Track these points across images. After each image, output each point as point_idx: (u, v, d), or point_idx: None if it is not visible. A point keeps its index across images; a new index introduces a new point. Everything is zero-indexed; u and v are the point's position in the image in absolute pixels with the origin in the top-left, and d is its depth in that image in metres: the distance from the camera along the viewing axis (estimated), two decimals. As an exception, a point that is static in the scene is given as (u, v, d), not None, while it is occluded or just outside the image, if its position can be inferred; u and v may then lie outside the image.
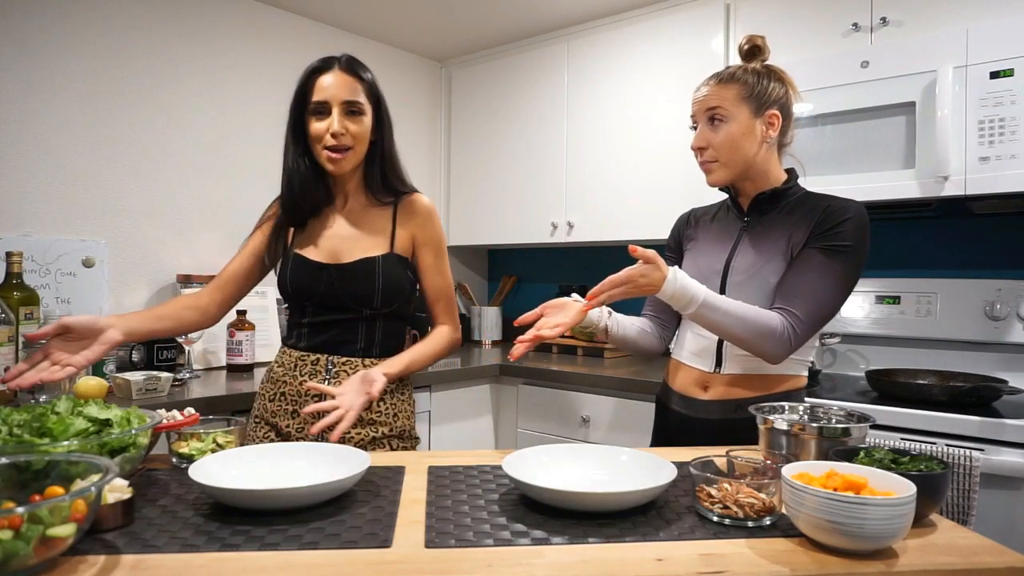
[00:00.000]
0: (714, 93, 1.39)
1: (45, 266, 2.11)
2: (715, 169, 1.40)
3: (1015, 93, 1.79)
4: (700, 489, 0.95)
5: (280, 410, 1.49)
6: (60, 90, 2.18)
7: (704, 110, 1.40)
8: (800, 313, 1.29)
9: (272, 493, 0.92)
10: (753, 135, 1.38)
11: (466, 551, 0.83)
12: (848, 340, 2.39)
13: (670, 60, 2.57)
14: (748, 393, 1.38)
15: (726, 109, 1.37)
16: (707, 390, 1.42)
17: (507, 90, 3.09)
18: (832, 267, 1.30)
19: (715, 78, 1.42)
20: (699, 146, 1.40)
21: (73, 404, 1.05)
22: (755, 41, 1.44)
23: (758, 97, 1.38)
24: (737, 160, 1.38)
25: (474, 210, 3.24)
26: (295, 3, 2.73)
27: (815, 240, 1.33)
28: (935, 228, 2.35)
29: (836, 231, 1.31)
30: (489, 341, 3.29)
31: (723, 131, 1.37)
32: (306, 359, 1.49)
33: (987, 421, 1.62)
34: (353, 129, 1.44)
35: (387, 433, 1.49)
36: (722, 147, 1.38)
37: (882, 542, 0.81)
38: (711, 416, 1.40)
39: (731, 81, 1.39)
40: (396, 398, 1.52)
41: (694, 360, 1.45)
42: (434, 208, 1.57)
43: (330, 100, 1.43)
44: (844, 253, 1.31)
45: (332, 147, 1.44)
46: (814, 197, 1.41)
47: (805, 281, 1.31)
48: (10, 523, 0.70)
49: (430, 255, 1.55)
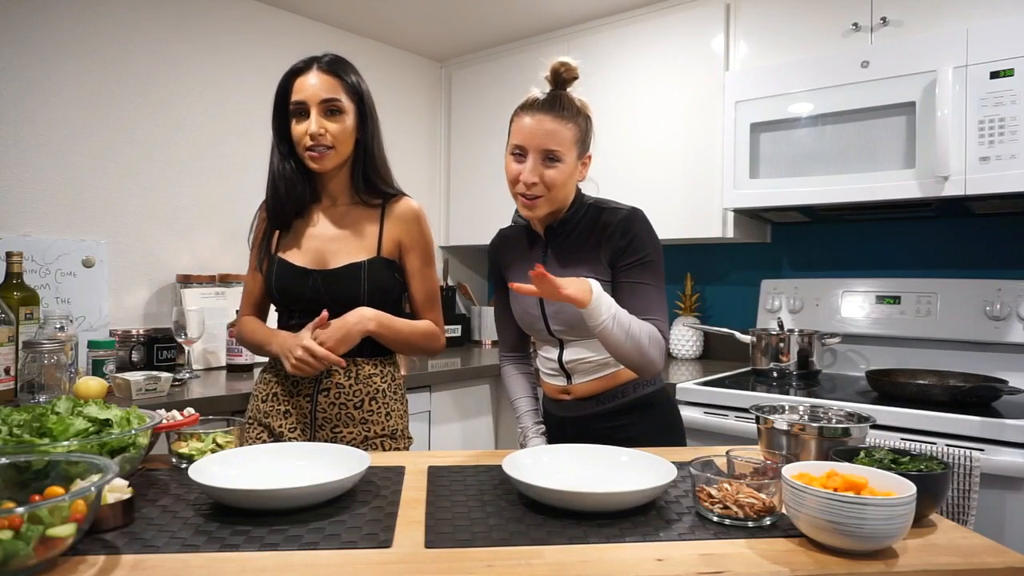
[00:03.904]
0: (554, 132, 1.35)
1: (45, 266, 2.11)
2: (540, 205, 1.40)
3: (1015, 93, 1.79)
4: (700, 489, 0.95)
5: (272, 410, 1.49)
6: (60, 90, 2.18)
7: (541, 148, 1.36)
8: (659, 322, 1.36)
9: (272, 493, 0.92)
10: (574, 177, 1.42)
11: (466, 551, 0.83)
12: (848, 340, 2.39)
13: (670, 60, 2.57)
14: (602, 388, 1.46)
15: (564, 152, 1.36)
16: (569, 394, 1.50)
17: (507, 90, 3.09)
18: (648, 278, 1.39)
19: (554, 114, 1.37)
20: (532, 181, 1.37)
21: (73, 404, 1.05)
22: (573, 73, 1.41)
23: (582, 142, 1.41)
24: (558, 198, 1.40)
25: (474, 210, 3.24)
26: (295, 3, 2.73)
27: (624, 265, 1.39)
28: (935, 228, 2.35)
29: (635, 247, 1.38)
30: (489, 341, 3.29)
31: (555, 172, 1.37)
32: None
33: (987, 421, 1.62)
34: (333, 128, 1.43)
35: (379, 432, 1.48)
36: (552, 185, 1.37)
37: (882, 542, 0.81)
38: (578, 413, 1.49)
39: (570, 120, 1.37)
40: (389, 397, 1.51)
41: (550, 378, 1.53)
42: (422, 212, 1.56)
43: (308, 100, 1.42)
44: (649, 262, 1.39)
45: (311, 147, 1.43)
46: (594, 211, 1.45)
47: (641, 300, 1.37)
48: (10, 523, 0.70)
49: (417, 260, 1.54)
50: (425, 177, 3.35)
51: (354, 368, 1.47)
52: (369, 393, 1.48)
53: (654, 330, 1.33)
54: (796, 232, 2.64)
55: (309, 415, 1.47)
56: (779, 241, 2.69)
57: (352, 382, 1.47)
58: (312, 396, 1.46)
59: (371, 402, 1.48)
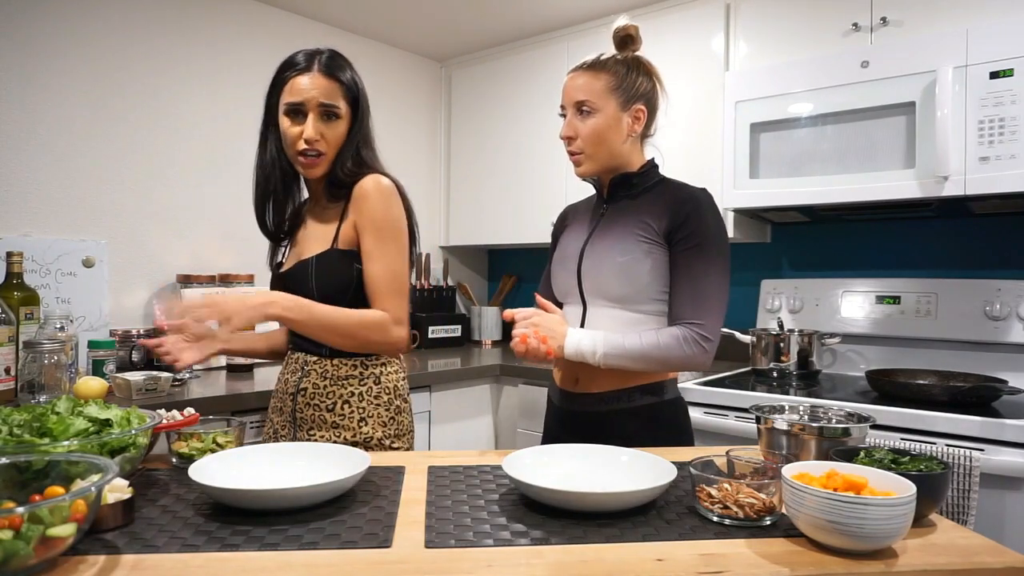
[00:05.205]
0: (584, 84, 1.39)
1: (45, 266, 2.11)
2: (583, 161, 1.42)
3: (1015, 93, 1.79)
4: (700, 489, 0.95)
5: (274, 406, 1.52)
6: (60, 90, 2.18)
7: (573, 101, 1.40)
8: (700, 318, 1.31)
9: (272, 493, 0.92)
10: (619, 128, 1.40)
11: (466, 551, 0.83)
12: (848, 340, 2.39)
13: (670, 60, 2.57)
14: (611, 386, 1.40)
15: (594, 102, 1.38)
16: (577, 383, 1.44)
17: (507, 90, 3.09)
18: (706, 262, 1.33)
19: (586, 66, 1.41)
20: (567, 135, 1.41)
21: (73, 404, 1.05)
22: (628, 31, 1.43)
23: (626, 90, 1.39)
24: (603, 153, 1.40)
25: (474, 210, 3.24)
26: (295, 3, 2.73)
27: (679, 242, 1.34)
28: (935, 228, 2.35)
29: (693, 227, 1.33)
30: (489, 341, 3.29)
31: (590, 123, 1.39)
32: (290, 358, 1.50)
33: (987, 421, 1.62)
34: (328, 135, 1.39)
35: (349, 439, 1.39)
36: (588, 139, 1.39)
37: (882, 542, 0.81)
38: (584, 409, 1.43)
39: (602, 70, 1.39)
40: (365, 400, 1.41)
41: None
42: (381, 186, 1.39)
43: (306, 103, 1.37)
44: (703, 248, 1.33)
45: (304, 151, 1.38)
46: (666, 184, 1.43)
47: (688, 286, 1.33)
48: (10, 523, 0.70)
49: (369, 239, 1.38)
50: (425, 177, 3.36)
51: (331, 368, 1.42)
52: (343, 396, 1.41)
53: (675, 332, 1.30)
54: (796, 232, 2.64)
55: (291, 414, 1.46)
56: (779, 241, 2.69)
57: (327, 383, 1.42)
58: (294, 395, 1.45)
59: (344, 405, 1.41)
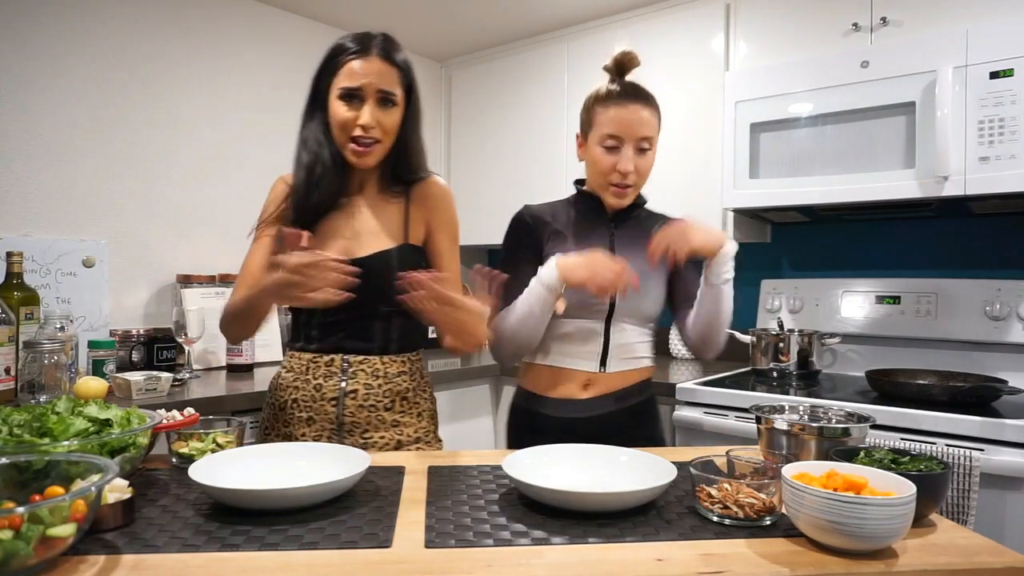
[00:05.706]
0: (648, 119, 1.41)
1: (45, 266, 2.11)
2: (630, 193, 1.45)
3: (1015, 93, 1.79)
4: (700, 489, 0.95)
5: (293, 418, 1.38)
6: (61, 90, 2.18)
7: (637, 136, 1.40)
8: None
9: (272, 493, 0.92)
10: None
11: (466, 551, 0.83)
12: (848, 340, 2.39)
13: (670, 60, 2.57)
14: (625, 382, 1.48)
15: (654, 138, 1.42)
16: (587, 388, 1.47)
17: (507, 90, 3.09)
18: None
19: (643, 102, 1.41)
20: (630, 170, 1.40)
21: (73, 404, 1.05)
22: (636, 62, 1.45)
23: (658, 128, 1.45)
24: (642, 185, 1.46)
25: (474, 209, 3.24)
26: (295, 3, 2.73)
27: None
28: (935, 228, 2.35)
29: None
30: (489, 341, 3.29)
31: (649, 160, 1.43)
32: (319, 361, 1.38)
33: (987, 421, 1.62)
34: (385, 122, 1.32)
35: (412, 436, 1.40)
36: (644, 176, 1.44)
37: (882, 542, 0.81)
38: (594, 413, 1.46)
39: (654, 105, 1.43)
40: (420, 396, 1.42)
41: (577, 363, 1.47)
42: (450, 191, 1.46)
43: (364, 88, 1.30)
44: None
45: (358, 138, 1.31)
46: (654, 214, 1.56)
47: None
48: (10, 523, 0.70)
49: (446, 239, 1.43)
50: (425, 177, 3.35)
51: (381, 365, 1.38)
52: (400, 393, 1.38)
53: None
54: (796, 232, 2.64)
55: (336, 420, 1.36)
56: (779, 241, 2.69)
57: (381, 381, 1.37)
58: (338, 400, 1.36)
59: (402, 402, 1.38)
